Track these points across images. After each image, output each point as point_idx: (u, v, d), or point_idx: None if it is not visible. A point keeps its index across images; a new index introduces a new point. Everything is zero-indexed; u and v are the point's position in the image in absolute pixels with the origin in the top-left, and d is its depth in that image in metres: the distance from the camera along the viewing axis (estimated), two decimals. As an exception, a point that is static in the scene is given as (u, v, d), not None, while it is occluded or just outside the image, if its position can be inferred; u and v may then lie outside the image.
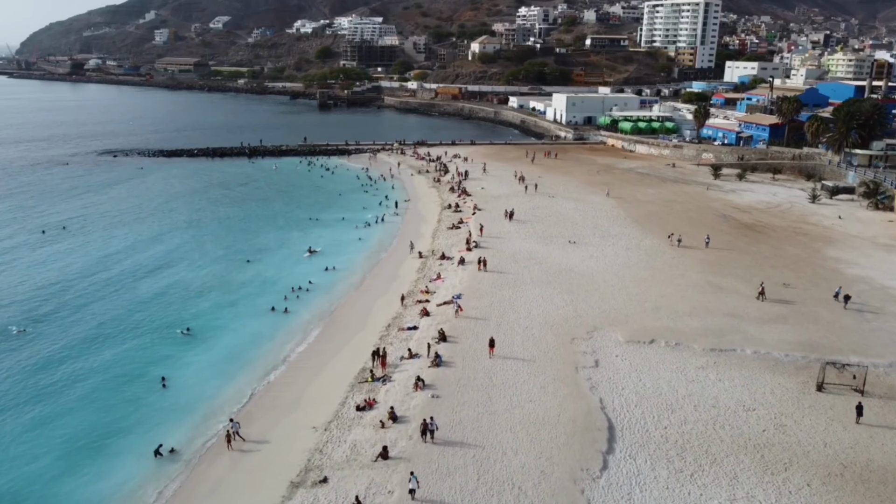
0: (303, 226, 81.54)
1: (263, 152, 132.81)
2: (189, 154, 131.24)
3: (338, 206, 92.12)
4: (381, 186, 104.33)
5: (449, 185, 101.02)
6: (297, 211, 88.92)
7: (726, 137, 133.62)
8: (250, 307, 56.07)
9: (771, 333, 47.37)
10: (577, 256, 64.21)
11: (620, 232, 73.24)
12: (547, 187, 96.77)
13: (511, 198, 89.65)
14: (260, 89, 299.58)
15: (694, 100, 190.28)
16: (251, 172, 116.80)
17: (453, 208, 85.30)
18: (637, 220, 78.97)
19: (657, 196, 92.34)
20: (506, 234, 71.50)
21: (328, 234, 77.63)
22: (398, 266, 65.32)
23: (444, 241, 71.07)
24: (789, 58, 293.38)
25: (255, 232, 78.69)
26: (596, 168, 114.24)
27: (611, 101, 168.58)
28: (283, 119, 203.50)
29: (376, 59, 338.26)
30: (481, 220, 76.86)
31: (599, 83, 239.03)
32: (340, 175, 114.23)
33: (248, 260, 67.80)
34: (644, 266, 61.77)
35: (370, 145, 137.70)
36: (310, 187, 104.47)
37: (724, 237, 72.29)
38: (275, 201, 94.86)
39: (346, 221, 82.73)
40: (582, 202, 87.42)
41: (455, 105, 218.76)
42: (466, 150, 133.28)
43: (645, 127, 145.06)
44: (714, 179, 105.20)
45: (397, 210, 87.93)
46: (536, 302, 52.60)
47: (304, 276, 62.41)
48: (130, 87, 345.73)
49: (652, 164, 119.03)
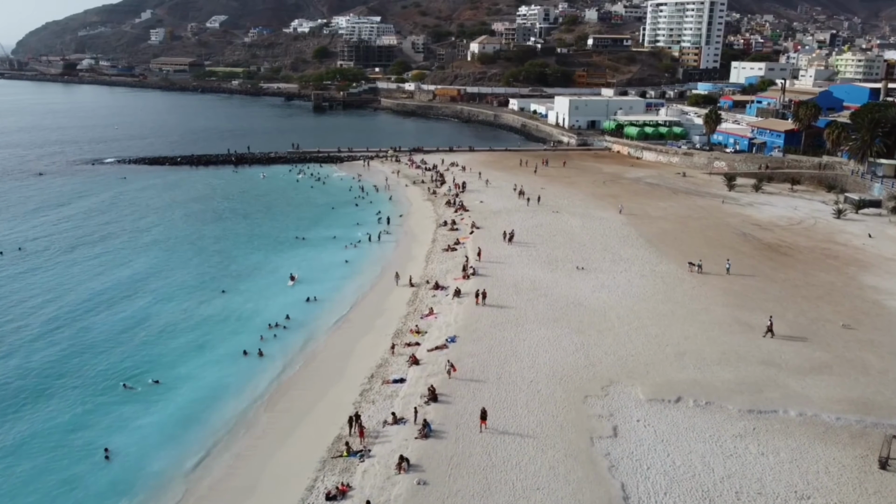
0: (288, 247, 74.62)
1: (251, 160, 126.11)
2: (172, 162, 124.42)
3: (327, 222, 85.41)
4: (374, 199, 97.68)
5: (446, 197, 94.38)
6: (283, 228, 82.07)
7: (738, 144, 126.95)
8: (220, 350, 49.34)
9: (815, 388, 40.74)
10: (586, 286, 57.56)
11: (633, 255, 66.58)
12: (551, 200, 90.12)
13: (512, 213, 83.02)
14: (254, 90, 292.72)
15: (701, 102, 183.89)
16: (236, 182, 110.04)
17: (449, 226, 78.64)
18: (650, 240, 72.29)
19: (670, 211, 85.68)
20: (507, 259, 64.84)
21: (314, 257, 70.91)
22: (386, 297, 58.67)
23: (439, 267, 64.43)
24: (796, 58, 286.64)
25: (235, 255, 71.81)
26: (602, 178, 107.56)
27: (615, 104, 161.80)
28: (275, 122, 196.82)
29: (374, 59, 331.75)
30: (480, 241, 70.21)
31: (602, 84, 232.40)
32: (332, 185, 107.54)
33: (224, 290, 60.87)
34: (662, 298, 55.11)
35: (363, 152, 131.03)
36: (298, 200, 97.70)
37: (747, 261, 65.64)
38: (259, 217, 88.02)
39: (335, 241, 75.99)
40: (589, 218, 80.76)
41: (453, 107, 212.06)
42: (464, 157, 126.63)
43: (652, 132, 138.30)
44: (729, 191, 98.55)
45: (389, 228, 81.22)
46: (542, 346, 45.96)
47: (284, 308, 55.80)
48: (123, 88, 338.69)
49: (661, 173, 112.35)
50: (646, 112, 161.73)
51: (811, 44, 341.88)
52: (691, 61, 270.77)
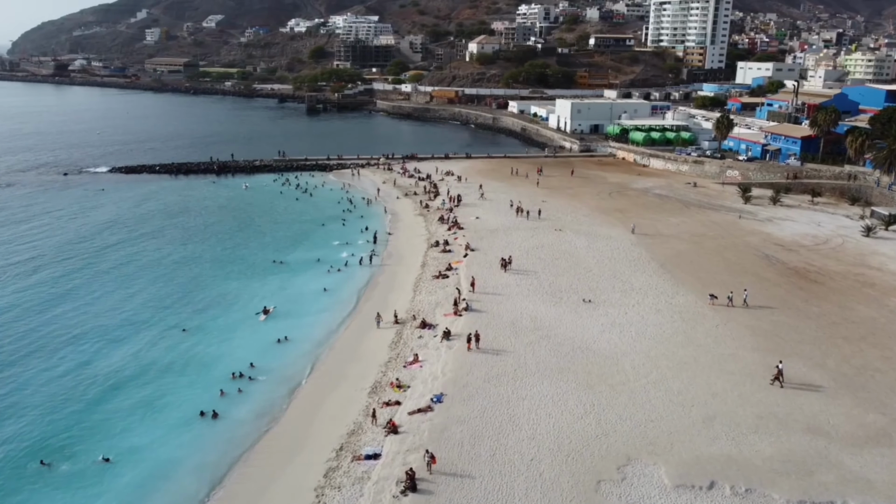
0: (265, 272, 67.15)
1: (234, 168, 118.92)
2: (150, 171, 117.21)
3: (311, 241, 77.99)
4: (363, 213, 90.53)
5: (439, 212, 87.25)
6: (261, 249, 74.64)
7: (750, 150, 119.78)
8: (172, 409, 42.10)
9: (876, 467, 33.62)
10: (594, 324, 50.45)
11: (645, 283, 59.46)
12: (553, 216, 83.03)
13: (511, 232, 75.90)
14: (247, 92, 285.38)
15: (708, 105, 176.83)
16: (216, 194, 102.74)
17: (441, 247, 71.49)
18: (663, 263, 65.17)
19: (683, 228, 78.52)
20: (504, 289, 57.72)
21: (292, 284, 63.68)
22: (366, 337, 51.47)
23: (428, 298, 57.29)
24: (802, 57, 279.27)
25: (203, 283, 64.45)
26: (607, 188, 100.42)
27: (619, 107, 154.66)
28: (266, 126, 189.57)
29: (371, 60, 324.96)
30: (474, 267, 63.10)
31: (605, 86, 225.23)
32: (318, 197, 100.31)
33: (184, 329, 53.62)
34: (682, 340, 47.99)
35: (354, 160, 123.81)
36: (281, 214, 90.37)
37: (774, 290, 58.52)
38: (235, 235, 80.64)
39: (318, 264, 68.61)
40: (595, 238, 73.61)
41: (451, 110, 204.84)
42: (461, 164, 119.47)
43: (659, 137, 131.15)
44: (744, 204, 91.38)
45: (376, 248, 74.04)
46: (545, 406, 38.89)
47: (252, 352, 48.74)
48: (115, 89, 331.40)
49: (670, 183, 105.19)
50: (651, 115, 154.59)
51: (818, 43, 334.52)
52: (696, 61, 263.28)
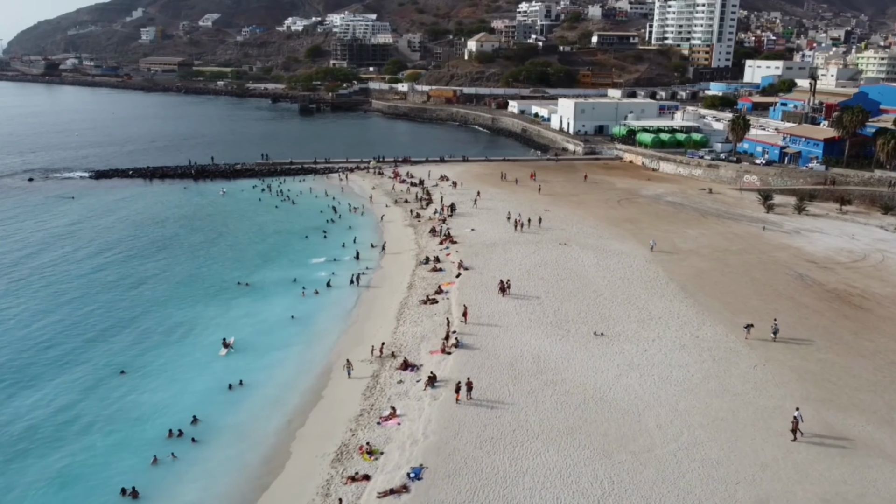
0: (229, 295, 58.75)
1: (213, 173, 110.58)
2: (122, 175, 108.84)
3: (286, 256, 69.61)
4: (350, 222, 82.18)
5: (431, 222, 79.09)
6: (230, 266, 66.20)
7: (767, 153, 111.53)
8: (87, 483, 33.79)
9: None
10: (609, 365, 42.26)
11: (666, 310, 51.26)
12: (556, 226, 74.88)
13: (510, 246, 67.69)
14: (240, 91, 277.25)
15: (718, 105, 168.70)
16: (189, 201, 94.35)
17: (432, 264, 63.29)
18: (684, 285, 56.98)
19: (702, 241, 70.28)
20: (502, 319, 49.52)
21: (260, 310, 55.40)
22: (334, 381, 43.07)
23: (412, 330, 49.04)
24: (811, 56, 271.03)
25: (155, 308, 56.04)
26: (615, 195, 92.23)
27: (625, 107, 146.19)
28: (255, 127, 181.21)
29: (368, 59, 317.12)
30: (468, 290, 54.95)
31: (608, 85, 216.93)
32: (301, 205, 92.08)
33: (123, 370, 45.15)
34: (715, 387, 39.80)
35: (342, 163, 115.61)
36: (257, 225, 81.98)
37: (814, 319, 50.32)
38: (202, 250, 72.12)
39: (293, 286, 60.26)
40: (605, 253, 65.40)
41: (449, 110, 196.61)
42: (457, 168, 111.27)
43: (668, 139, 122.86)
44: (767, 213, 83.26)
45: (359, 266, 65.78)
46: (551, 485, 30.71)
47: (198, 400, 40.64)
48: (106, 88, 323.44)
49: (683, 190, 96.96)
50: (659, 116, 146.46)
51: (826, 41, 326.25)
52: (702, 60, 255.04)
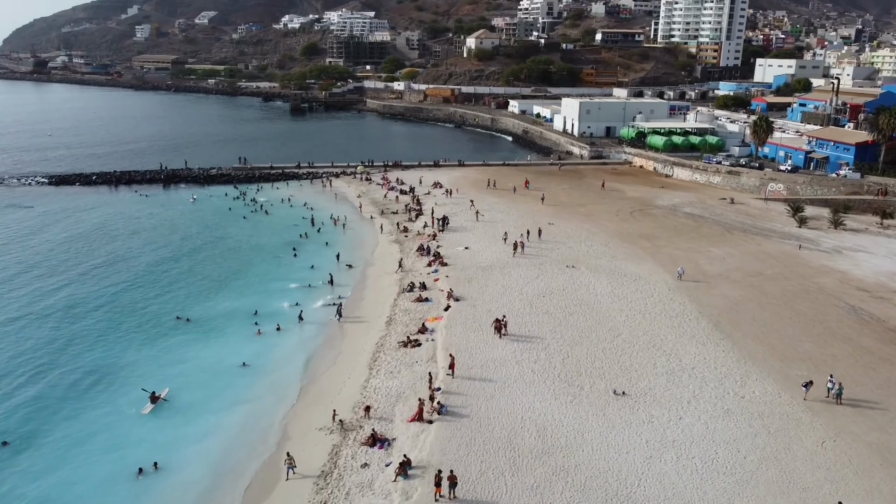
0: (166, 332, 48.79)
1: (186, 178, 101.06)
2: (85, 181, 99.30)
3: (244, 281, 59.54)
4: (327, 237, 72.72)
5: (419, 238, 69.58)
6: (176, 294, 56.43)
7: (791, 158, 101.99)
8: None
9: None
10: (635, 443, 32.71)
11: (700, 357, 41.75)
12: (562, 242, 65.42)
13: (509, 269, 58.18)
14: (231, 90, 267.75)
15: (731, 105, 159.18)
16: (152, 212, 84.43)
17: (417, 292, 53.81)
18: (717, 321, 47.46)
19: (731, 263, 60.75)
20: (498, 371, 39.98)
21: (202, 353, 45.60)
22: (281, 464, 33.68)
23: (386, 385, 39.44)
24: (823, 54, 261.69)
25: (70, 348, 46.14)
26: (627, 206, 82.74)
27: (633, 107, 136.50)
28: (241, 127, 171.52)
29: (365, 57, 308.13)
30: (457, 330, 45.43)
31: (613, 84, 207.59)
32: (275, 215, 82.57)
33: (5, 441, 35.27)
34: (777, 479, 30.24)
35: (327, 168, 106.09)
36: (219, 241, 71.85)
37: (884, 370, 40.73)
38: (148, 273, 61.62)
39: (246, 319, 50.72)
40: (619, 278, 55.90)
41: (446, 110, 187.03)
42: (452, 174, 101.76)
43: (682, 142, 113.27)
44: (799, 227, 73.82)
45: (333, 292, 56.27)
46: None
47: (93, 496, 31.18)
48: (95, 87, 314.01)
49: (702, 199, 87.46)
50: (670, 117, 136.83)
51: (836, 40, 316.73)
52: (710, 58, 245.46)
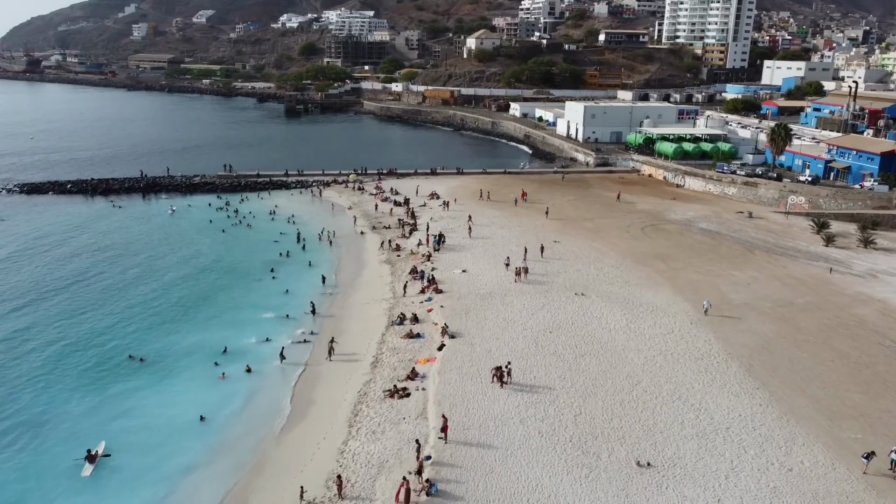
0: (111, 378, 42.42)
1: (167, 186, 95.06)
2: (60, 189, 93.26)
3: (214, 311, 52.84)
4: (313, 255, 66.73)
5: (413, 258, 63.61)
6: (131, 327, 50.02)
7: (809, 167, 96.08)
8: None
9: None
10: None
11: (734, 413, 35.71)
12: (569, 265, 59.46)
13: (510, 297, 52.17)
14: (226, 91, 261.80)
15: (741, 109, 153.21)
16: (124, 225, 77.77)
17: (408, 325, 47.78)
18: (750, 365, 41.45)
19: (757, 289, 54.69)
20: (499, 433, 33.89)
21: (153, 403, 39.40)
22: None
23: (367, 449, 33.37)
24: (830, 56, 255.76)
25: (1, 396, 40.62)
26: (638, 220, 76.73)
27: (640, 111, 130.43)
28: (232, 130, 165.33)
29: (364, 57, 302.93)
30: (452, 377, 39.40)
31: (617, 86, 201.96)
32: (257, 230, 76.42)
33: None
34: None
35: (318, 176, 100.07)
36: (191, 259, 65.48)
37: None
38: (105, 300, 55.08)
39: (206, 359, 44.51)
40: (634, 309, 49.85)
41: (445, 112, 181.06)
42: (450, 183, 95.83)
43: (693, 150, 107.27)
44: (825, 245, 67.86)
45: (315, 324, 50.25)
46: None
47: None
48: (88, 87, 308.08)
49: (717, 213, 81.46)
50: (678, 122, 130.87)
51: (843, 41, 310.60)
52: (716, 60, 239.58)
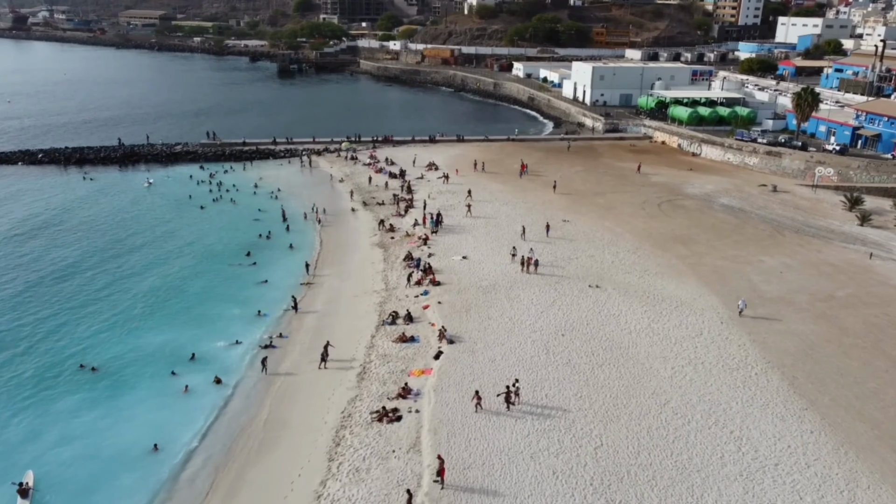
0: (56, 392, 36.75)
1: (146, 156, 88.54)
2: (31, 159, 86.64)
3: (182, 306, 46.87)
4: (298, 239, 60.82)
5: (408, 240, 57.77)
6: (85, 327, 44.13)
7: (834, 134, 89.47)
8: None
9: None
10: None
11: (781, 441, 30.29)
12: (581, 249, 53.64)
13: (516, 290, 46.42)
14: (217, 49, 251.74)
15: (757, 69, 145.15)
16: (94, 200, 71.57)
17: (401, 326, 42.19)
18: (793, 378, 35.94)
19: (791, 279, 48.90)
20: (507, 474, 28.48)
21: (101, 425, 34.08)
22: None
23: (349, 495, 27.97)
24: (847, 12, 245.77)
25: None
26: (653, 195, 70.56)
27: (651, 72, 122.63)
28: (221, 93, 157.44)
29: (361, 13, 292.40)
30: (450, 397, 33.94)
31: (625, 44, 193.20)
32: (240, 205, 70.20)
33: None
34: None
35: (309, 143, 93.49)
36: (163, 242, 59.38)
37: None
38: (62, 293, 49.00)
39: (173, 365, 39.23)
40: (656, 303, 44.15)
41: (445, 73, 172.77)
42: (450, 152, 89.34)
43: (709, 115, 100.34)
44: (860, 224, 61.92)
45: (291, 324, 44.62)
46: None
47: None
48: (75, 44, 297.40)
49: (738, 186, 75.22)
50: (692, 83, 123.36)
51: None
52: (728, 17, 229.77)
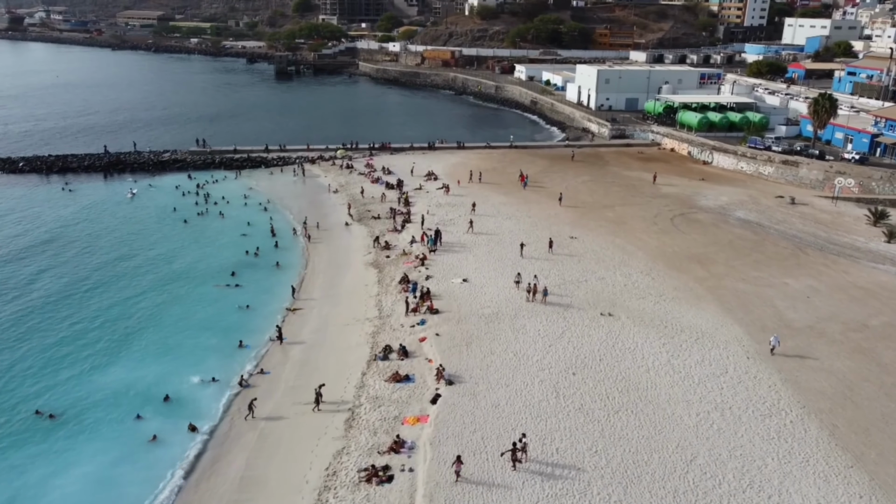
0: (7, 444, 33.07)
1: (132, 165, 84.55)
2: (10, 168, 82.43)
3: (155, 338, 43.05)
4: (286, 257, 56.92)
5: (405, 259, 53.81)
6: (44, 365, 40.11)
7: (851, 142, 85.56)
8: None
9: None
10: None
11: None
12: (590, 270, 49.69)
13: (521, 320, 42.47)
14: (215, 50, 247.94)
15: (766, 72, 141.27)
16: (71, 213, 67.11)
17: (395, 362, 38.23)
18: (833, 427, 32.01)
19: (819, 305, 44.92)
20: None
21: (54, 484, 30.32)
22: None
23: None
24: (853, 13, 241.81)
25: None
26: (666, 208, 66.58)
27: (658, 76, 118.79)
28: (216, 96, 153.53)
29: (361, 13, 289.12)
30: (449, 452, 30.02)
31: (629, 46, 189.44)
32: (228, 218, 66.23)
33: None
34: None
35: (303, 151, 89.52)
36: (141, 262, 55.72)
37: None
38: (21, 325, 45.06)
39: (140, 407, 35.48)
40: (675, 335, 40.19)
41: (445, 75, 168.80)
42: (450, 160, 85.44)
43: (719, 120, 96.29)
44: (888, 241, 57.99)
45: (274, 357, 40.71)
46: None
47: None
48: (73, 45, 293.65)
49: (754, 198, 71.20)
50: (700, 87, 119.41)
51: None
52: (733, 17, 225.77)
